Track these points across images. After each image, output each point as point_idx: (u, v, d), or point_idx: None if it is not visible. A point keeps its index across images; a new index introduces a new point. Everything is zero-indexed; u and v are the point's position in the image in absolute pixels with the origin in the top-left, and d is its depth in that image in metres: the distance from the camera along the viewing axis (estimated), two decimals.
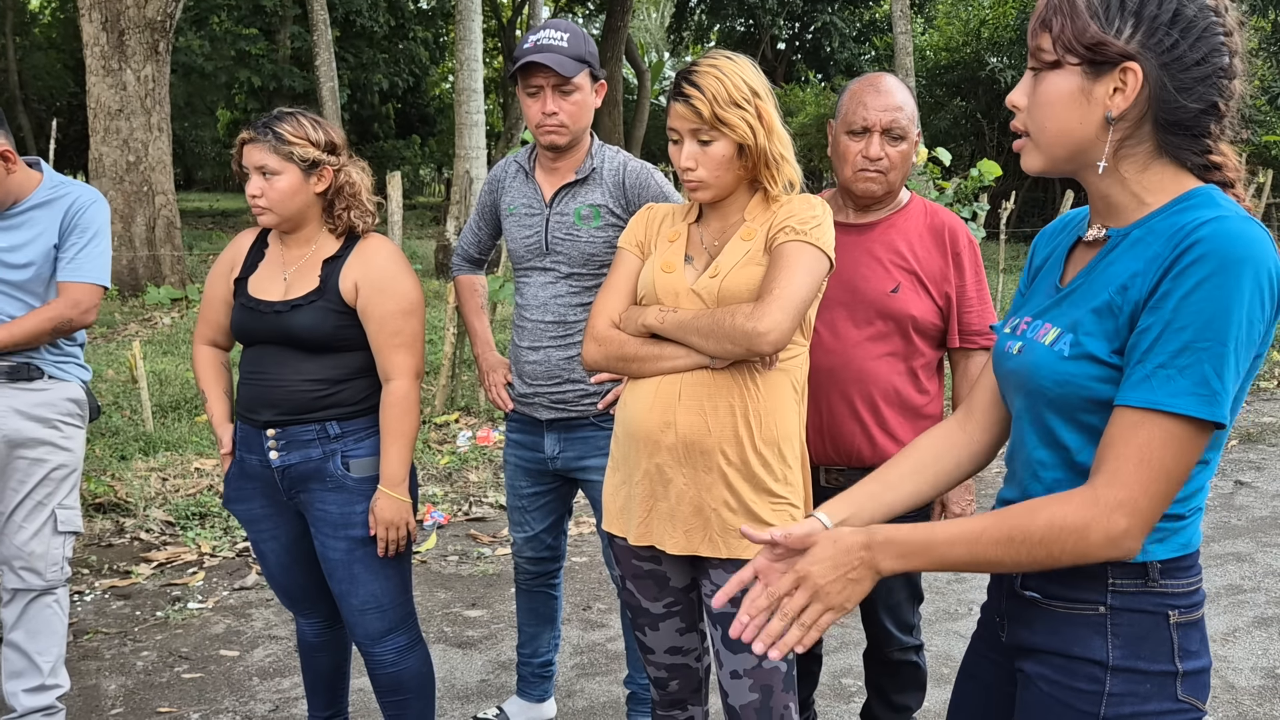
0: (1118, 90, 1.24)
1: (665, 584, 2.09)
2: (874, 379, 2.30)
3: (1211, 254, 1.15)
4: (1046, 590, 1.35)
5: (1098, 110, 1.26)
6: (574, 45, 2.51)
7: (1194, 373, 1.16)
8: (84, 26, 10.17)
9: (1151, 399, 1.17)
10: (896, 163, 2.29)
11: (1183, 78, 1.23)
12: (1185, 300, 1.16)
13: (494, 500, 5.13)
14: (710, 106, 1.87)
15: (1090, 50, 1.24)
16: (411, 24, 23.01)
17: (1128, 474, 1.18)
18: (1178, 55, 1.22)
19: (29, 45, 23.48)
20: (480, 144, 12.05)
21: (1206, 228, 1.17)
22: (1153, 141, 1.27)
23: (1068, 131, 1.28)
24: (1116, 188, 1.30)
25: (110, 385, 6.76)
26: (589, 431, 2.64)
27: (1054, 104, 1.28)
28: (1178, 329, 1.16)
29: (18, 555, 2.74)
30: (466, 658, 3.50)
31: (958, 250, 2.34)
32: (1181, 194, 1.26)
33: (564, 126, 2.54)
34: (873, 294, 2.29)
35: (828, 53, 24.70)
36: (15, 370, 2.69)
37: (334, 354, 2.33)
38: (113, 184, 10.39)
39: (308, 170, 2.30)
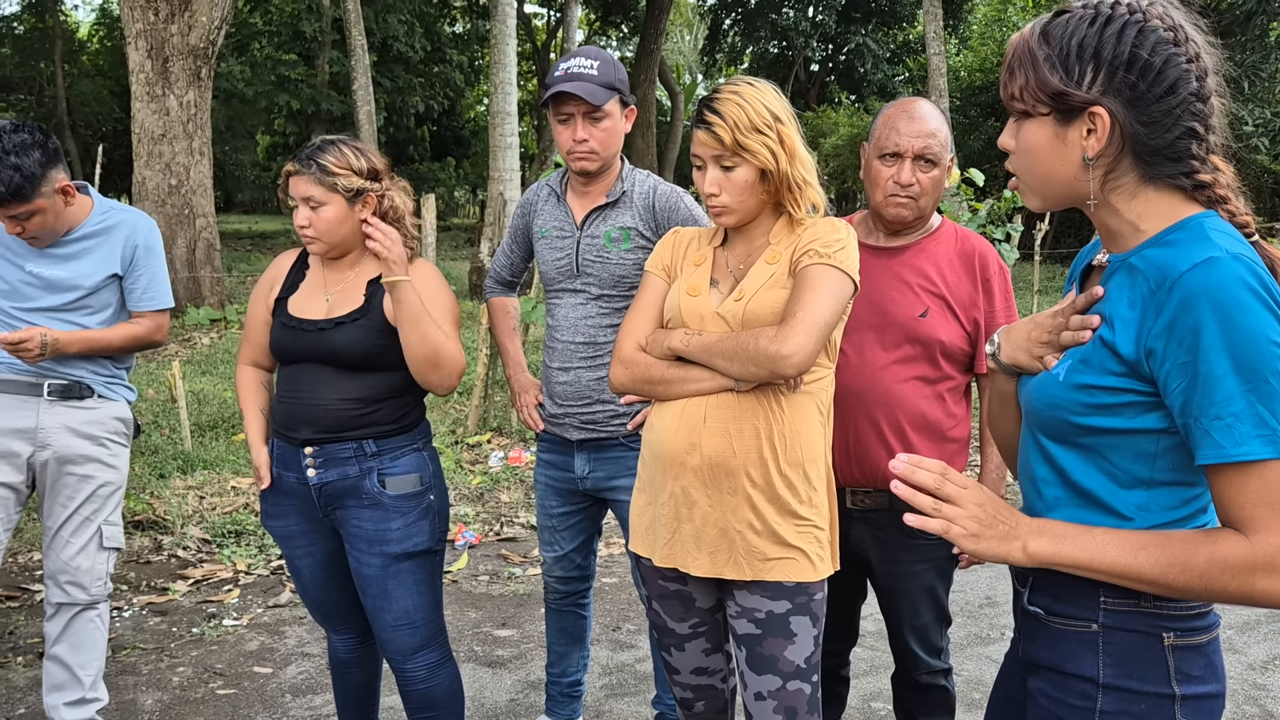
0: (1090, 132, 1.29)
1: (691, 605, 2.10)
2: (901, 402, 2.30)
3: (1213, 303, 1.18)
4: (1047, 606, 1.38)
5: (1075, 152, 1.31)
6: (604, 73, 2.55)
7: (1249, 417, 1.17)
8: (130, 54, 10.42)
9: (1222, 453, 1.19)
10: (928, 189, 2.29)
11: (1151, 111, 1.27)
12: (1207, 351, 1.18)
13: (525, 520, 5.16)
14: (732, 133, 1.89)
15: (1055, 100, 1.30)
16: (447, 48, 23.31)
17: (1267, 519, 1.18)
18: (1140, 93, 1.26)
19: (77, 73, 24.07)
20: (514, 166, 12.17)
21: (1193, 277, 1.19)
22: (1136, 172, 1.31)
23: (1052, 173, 1.34)
24: (1112, 218, 1.34)
25: (150, 405, 6.88)
26: (619, 452, 2.66)
27: (1034, 150, 1.34)
28: (1216, 381, 1.18)
29: (63, 570, 2.80)
30: (496, 677, 3.51)
31: (987, 276, 2.34)
32: (1174, 222, 1.29)
33: (594, 153, 2.58)
34: (901, 317, 2.30)
35: (861, 74, 24.69)
36: (68, 389, 2.77)
37: (372, 373, 2.37)
38: (155, 207, 10.60)
39: (352, 199, 2.34)
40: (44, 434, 2.75)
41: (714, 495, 1.95)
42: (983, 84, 19.35)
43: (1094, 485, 1.33)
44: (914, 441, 2.31)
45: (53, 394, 2.76)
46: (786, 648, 1.97)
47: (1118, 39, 1.26)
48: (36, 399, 2.75)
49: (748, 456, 1.92)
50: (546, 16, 29.36)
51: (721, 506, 1.94)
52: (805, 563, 1.95)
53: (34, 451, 2.76)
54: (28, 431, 2.74)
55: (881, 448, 2.31)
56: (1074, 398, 1.30)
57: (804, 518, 1.95)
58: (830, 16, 23.73)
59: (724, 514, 1.94)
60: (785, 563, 1.94)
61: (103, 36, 26.21)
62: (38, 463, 2.77)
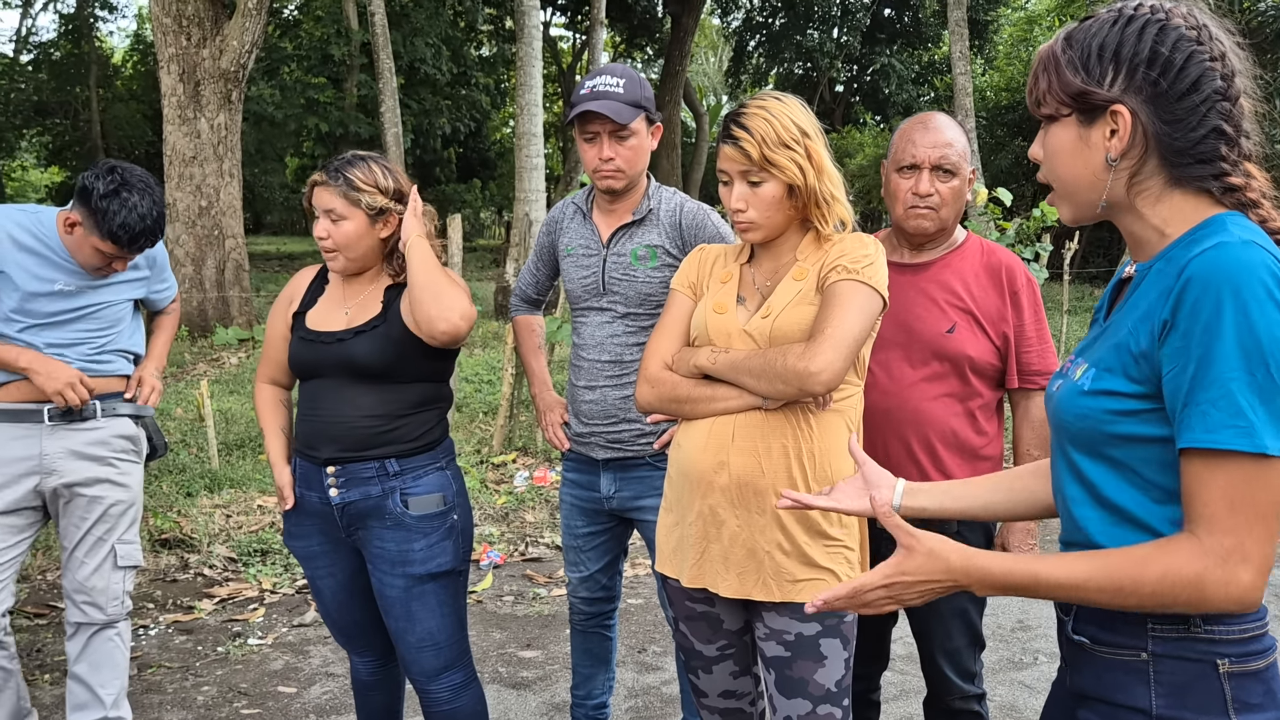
0: (1113, 132, 1.29)
1: (719, 626, 2.06)
2: (930, 420, 2.27)
3: (1211, 284, 1.16)
4: (1094, 635, 1.34)
5: (1098, 154, 1.31)
6: (629, 91, 2.54)
7: (1226, 404, 1.15)
8: (163, 78, 10.59)
9: (1192, 438, 1.17)
10: (948, 199, 2.27)
11: (1174, 109, 1.26)
12: (1198, 335, 1.17)
13: (550, 540, 5.13)
14: (759, 148, 1.88)
15: (1077, 100, 1.31)
16: (474, 71, 23.50)
17: (1224, 520, 1.16)
18: (1161, 90, 1.26)
19: (111, 97, 24.46)
20: (540, 187, 12.22)
21: (1202, 259, 1.19)
22: (1164, 174, 1.29)
23: (1078, 177, 1.34)
24: (1138, 223, 1.34)
25: (178, 423, 6.92)
26: (645, 471, 2.63)
27: (1060, 153, 1.35)
28: (1201, 363, 1.16)
29: (80, 590, 2.81)
30: (521, 699, 3.48)
31: (1015, 289, 2.31)
32: (1198, 223, 1.28)
33: (620, 171, 2.57)
34: (928, 334, 2.27)
35: (885, 95, 24.68)
36: (67, 412, 2.77)
37: (393, 385, 2.33)
38: (185, 228, 10.73)
39: (374, 217, 2.34)
40: (48, 460, 2.75)
41: (742, 515, 1.92)
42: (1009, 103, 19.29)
43: (1126, 501, 1.29)
44: (945, 460, 2.28)
45: (53, 419, 2.75)
46: (817, 671, 1.93)
47: (1138, 37, 1.27)
48: (38, 425, 2.75)
49: (776, 475, 1.90)
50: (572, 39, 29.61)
51: (750, 526, 1.92)
52: (835, 584, 1.91)
53: (41, 479, 2.76)
54: (32, 459, 2.74)
55: (912, 466, 2.28)
56: (1100, 404, 1.28)
57: (834, 538, 1.92)
58: (855, 37, 23.77)
59: (752, 534, 1.92)
60: (815, 583, 1.91)
61: (136, 61, 26.63)
62: (47, 489, 2.77)
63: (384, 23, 13.70)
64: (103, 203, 2.62)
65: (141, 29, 28.31)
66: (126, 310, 2.90)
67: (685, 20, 22.55)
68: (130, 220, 2.64)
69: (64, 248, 2.74)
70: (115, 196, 2.63)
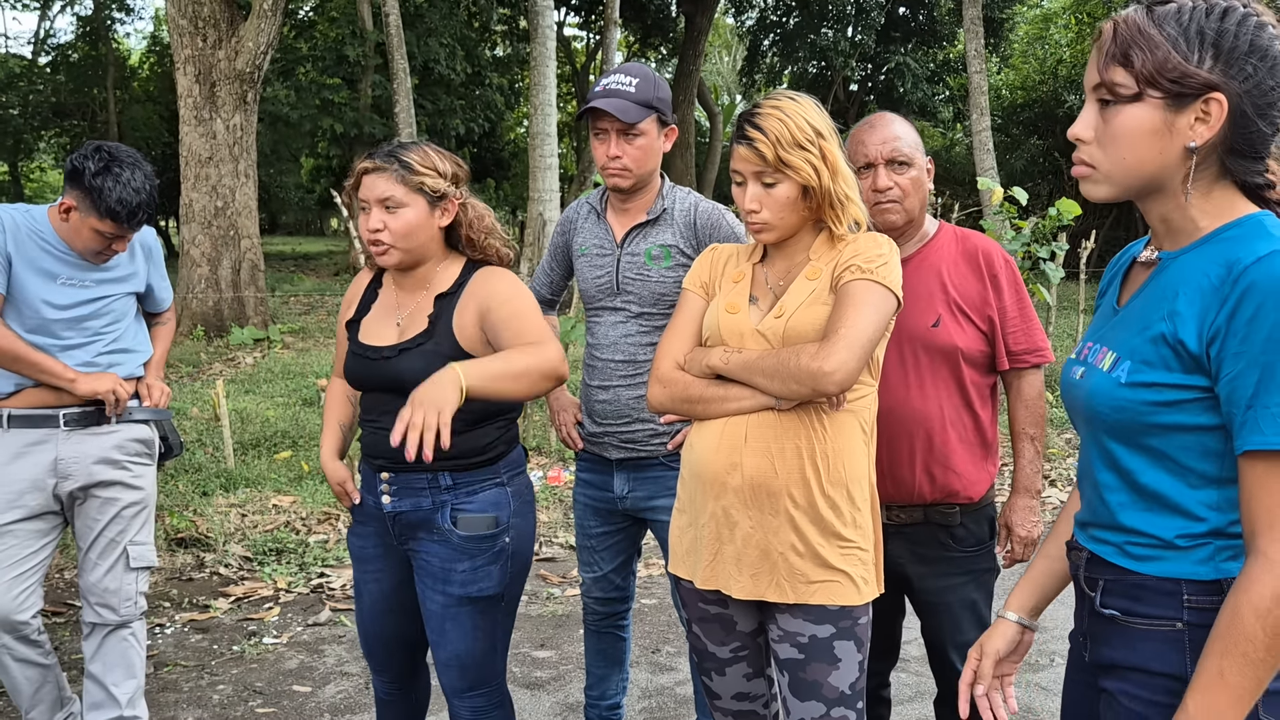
0: (1199, 120, 1.27)
1: (732, 628, 2.06)
2: (926, 416, 2.28)
3: (1273, 293, 1.20)
4: (1125, 609, 1.38)
5: (1179, 141, 1.29)
6: (641, 91, 2.54)
7: None
8: (178, 79, 10.64)
9: (1263, 440, 1.21)
10: (908, 189, 2.29)
11: (1261, 103, 1.27)
12: (1261, 342, 1.20)
13: (564, 540, 5.14)
14: (774, 148, 1.87)
15: (1175, 83, 1.27)
16: (488, 71, 23.53)
17: None
18: (1257, 82, 1.26)
19: (128, 98, 24.61)
20: (554, 187, 12.24)
21: (1260, 267, 1.21)
22: (1218, 166, 1.31)
23: (1146, 162, 1.31)
24: (1178, 213, 1.34)
25: (194, 423, 6.96)
26: (658, 471, 2.63)
27: (1132, 136, 1.30)
28: (1265, 370, 1.20)
29: (93, 591, 2.83)
30: (535, 699, 3.48)
31: (994, 272, 2.32)
32: (1232, 220, 1.31)
33: (627, 170, 2.56)
34: (915, 330, 2.28)
35: (900, 94, 24.58)
36: (84, 417, 2.79)
37: None
38: (201, 228, 10.79)
39: (434, 202, 2.21)
40: (64, 464, 2.76)
41: (755, 516, 1.91)
42: (1024, 101, 19.21)
43: (1163, 487, 1.33)
44: (945, 452, 2.29)
45: (69, 424, 2.77)
46: (830, 673, 1.92)
47: (1238, 28, 1.26)
48: (54, 430, 2.76)
49: (790, 477, 1.89)
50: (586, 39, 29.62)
51: (763, 527, 1.91)
52: (849, 586, 1.91)
53: (57, 482, 2.77)
54: (48, 464, 2.75)
55: (914, 463, 2.29)
56: (1140, 397, 1.31)
57: (848, 539, 1.91)
58: (869, 36, 23.67)
59: (766, 535, 1.91)
60: (829, 585, 1.90)
61: (153, 63, 26.78)
62: (63, 493, 2.79)
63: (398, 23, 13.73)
64: (96, 180, 2.61)
65: (158, 30, 28.47)
66: (130, 306, 2.91)
67: (699, 20, 22.53)
68: (126, 195, 2.63)
69: (60, 240, 2.73)
70: (108, 173, 2.62)
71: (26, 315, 2.70)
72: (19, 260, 2.68)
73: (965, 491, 2.31)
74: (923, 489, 2.30)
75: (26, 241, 2.69)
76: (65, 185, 2.70)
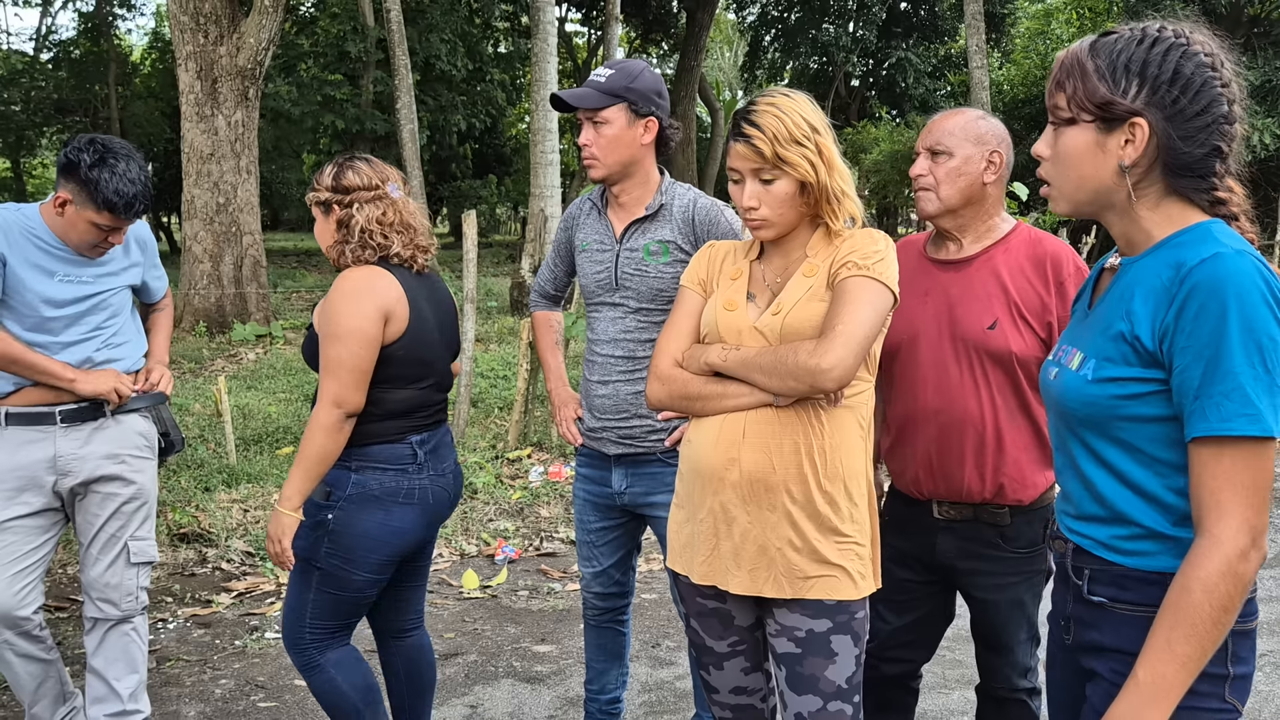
0: (1128, 142, 1.41)
1: (730, 623, 2.07)
2: (978, 418, 2.25)
3: (1215, 292, 1.32)
4: (1113, 596, 1.49)
5: (1111, 160, 1.44)
6: (611, 81, 2.56)
7: (1238, 396, 1.31)
8: (180, 76, 10.65)
9: (1207, 427, 1.33)
10: (941, 178, 2.28)
11: (1186, 128, 1.40)
12: (1206, 338, 1.32)
13: (565, 536, 5.15)
14: (771, 145, 1.88)
15: (1101, 109, 1.42)
16: (489, 67, 23.50)
17: (1229, 503, 1.32)
18: (1180, 109, 1.39)
19: (130, 95, 24.58)
20: (555, 183, 12.24)
21: (1204, 268, 1.34)
22: (1162, 183, 1.44)
23: (1087, 178, 1.46)
24: (1132, 226, 1.47)
25: (196, 419, 6.98)
26: (656, 467, 2.64)
27: (1073, 156, 1.46)
28: (1211, 361, 1.32)
29: (94, 586, 2.84)
30: (535, 693, 3.50)
31: (1061, 279, 2.25)
32: (1183, 228, 1.43)
33: (595, 159, 2.59)
34: (972, 331, 2.25)
35: (902, 89, 24.56)
36: (80, 413, 2.79)
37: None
38: (203, 225, 10.80)
39: (325, 211, 2.53)
40: (63, 461, 2.77)
41: (753, 511, 1.92)
42: (1025, 97, 19.16)
43: (1138, 477, 1.44)
44: (995, 454, 2.26)
45: (66, 420, 2.77)
46: (827, 667, 1.93)
47: (1163, 58, 1.39)
48: (51, 427, 2.76)
49: (787, 472, 1.90)
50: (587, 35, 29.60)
51: (761, 523, 1.92)
52: (846, 581, 1.92)
53: (57, 479, 2.77)
54: (47, 461, 2.76)
55: (965, 464, 2.27)
56: (1105, 391, 1.43)
57: (845, 534, 1.92)
58: (871, 31, 23.65)
59: (763, 530, 1.92)
60: (826, 580, 1.91)
61: (155, 59, 26.77)
62: (64, 489, 2.79)
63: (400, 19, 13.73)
64: (92, 173, 2.61)
65: (160, 27, 28.47)
66: (126, 300, 2.91)
67: (700, 15, 22.51)
68: (122, 187, 2.64)
69: (54, 236, 2.72)
70: (103, 165, 2.63)
71: (24, 315, 2.70)
72: (15, 259, 2.67)
73: (1016, 494, 2.27)
74: (972, 488, 2.27)
75: (20, 240, 2.69)
76: (59, 179, 2.69)
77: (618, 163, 2.60)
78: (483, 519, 5.36)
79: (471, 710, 3.38)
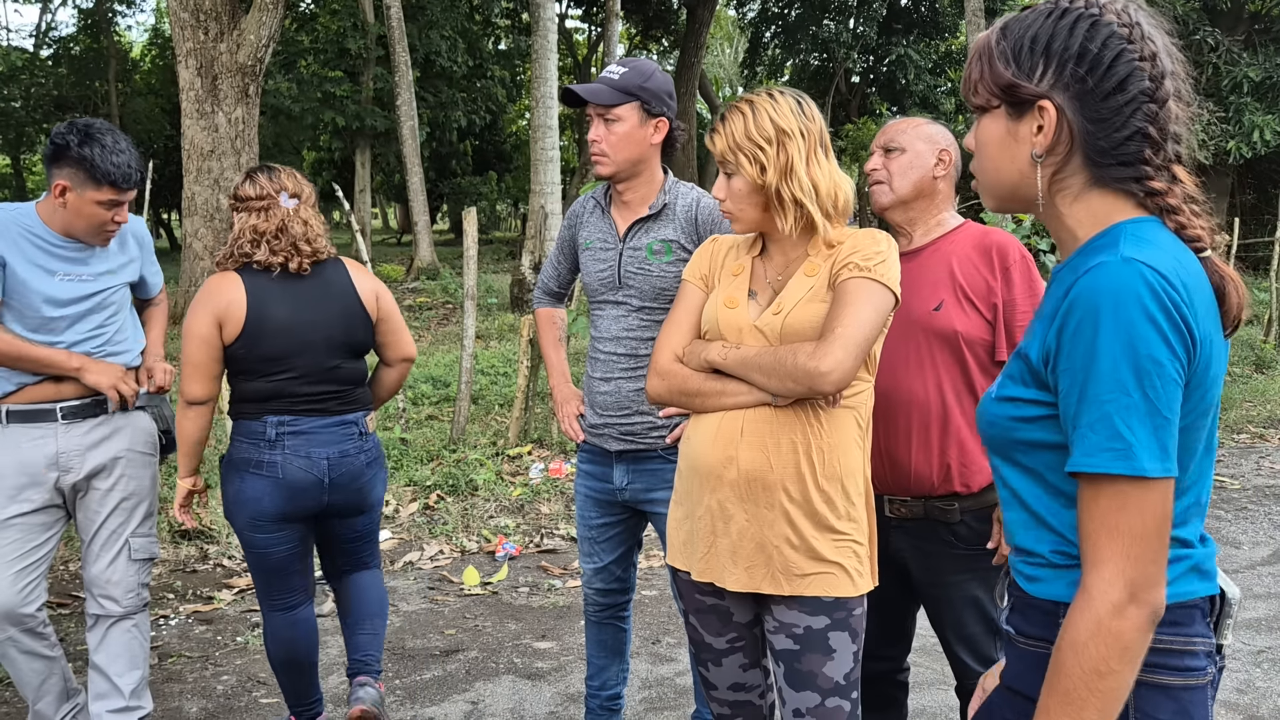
0: (1040, 128, 1.26)
1: (728, 619, 2.08)
2: (926, 401, 2.29)
3: (1090, 307, 1.15)
4: (1017, 626, 1.33)
5: (1024, 149, 1.29)
6: (625, 78, 2.58)
7: (1103, 428, 1.14)
8: (180, 72, 10.64)
9: (1074, 461, 1.16)
10: (895, 171, 2.39)
11: (1099, 109, 1.23)
12: (1081, 357, 1.16)
13: (565, 532, 5.16)
14: (724, 140, 1.94)
15: (1006, 93, 1.28)
16: (489, 64, 23.51)
17: (1103, 550, 1.14)
18: (1089, 88, 1.23)
19: (130, 91, 24.60)
20: (555, 180, 12.24)
21: (1084, 280, 1.17)
22: (1085, 174, 1.27)
23: (1002, 169, 1.32)
24: (1055, 223, 1.32)
25: None
26: (657, 464, 2.65)
27: (988, 145, 1.33)
28: (1082, 387, 1.16)
29: (95, 583, 2.85)
30: (536, 689, 3.51)
31: (1007, 265, 2.32)
32: (1105, 228, 1.25)
33: (605, 155, 2.61)
34: (918, 313, 2.31)
35: (903, 86, 24.53)
36: (82, 409, 2.80)
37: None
38: (204, 222, 10.80)
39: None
40: (65, 458, 2.77)
41: (751, 509, 1.93)
42: None
43: (1039, 506, 1.28)
44: (943, 435, 2.29)
45: (67, 416, 2.78)
46: (825, 664, 1.94)
47: (1069, 32, 1.24)
48: (53, 424, 2.77)
49: (785, 471, 1.91)
50: (588, 31, 29.58)
51: (758, 521, 1.93)
52: (844, 578, 1.93)
53: (59, 475, 2.78)
54: (49, 458, 2.76)
55: (912, 445, 2.30)
56: (1004, 412, 1.29)
57: (842, 533, 1.93)
58: (871, 28, 23.62)
59: (761, 528, 1.93)
60: (823, 577, 1.92)
61: (154, 56, 26.78)
62: (65, 485, 2.80)
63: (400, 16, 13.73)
64: (84, 150, 2.63)
65: (160, 23, 28.47)
66: (126, 297, 2.92)
67: (701, 12, 22.49)
68: (117, 158, 2.66)
69: (53, 234, 2.72)
70: (92, 142, 2.65)
71: (28, 315, 2.70)
72: (15, 260, 2.67)
73: (964, 479, 2.30)
74: (920, 472, 2.31)
75: (19, 240, 2.68)
76: (50, 169, 2.68)
77: (626, 161, 2.62)
78: (483, 516, 5.37)
79: (472, 707, 3.39)
